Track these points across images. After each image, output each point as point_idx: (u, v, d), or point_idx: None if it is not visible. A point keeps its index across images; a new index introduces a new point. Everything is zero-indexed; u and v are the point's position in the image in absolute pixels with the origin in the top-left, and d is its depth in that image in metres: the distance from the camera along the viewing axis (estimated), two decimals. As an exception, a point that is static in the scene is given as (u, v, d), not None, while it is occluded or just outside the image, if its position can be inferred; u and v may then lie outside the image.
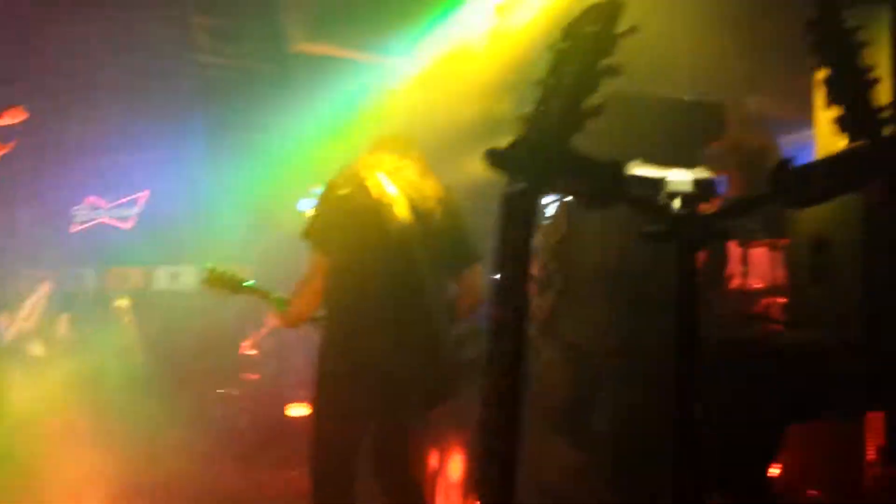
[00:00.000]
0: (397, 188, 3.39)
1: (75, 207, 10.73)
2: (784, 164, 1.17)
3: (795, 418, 3.44)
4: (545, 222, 3.74)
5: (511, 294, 1.23)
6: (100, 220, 10.92)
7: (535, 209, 1.24)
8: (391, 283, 3.29)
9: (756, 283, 5.36)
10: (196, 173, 9.23)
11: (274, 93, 7.28)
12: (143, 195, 10.86)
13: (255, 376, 7.25)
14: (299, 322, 3.57)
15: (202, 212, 9.29)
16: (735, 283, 5.38)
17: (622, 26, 1.19)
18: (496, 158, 1.23)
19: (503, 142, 1.25)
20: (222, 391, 7.26)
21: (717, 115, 3.23)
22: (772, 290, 5.20)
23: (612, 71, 1.16)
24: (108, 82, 7.53)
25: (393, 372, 3.22)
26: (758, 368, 3.48)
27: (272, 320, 3.90)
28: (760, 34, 4.84)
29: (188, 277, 10.29)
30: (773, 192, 1.18)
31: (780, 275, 5.14)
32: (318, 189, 3.55)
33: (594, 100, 1.16)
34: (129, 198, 10.88)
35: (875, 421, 3.42)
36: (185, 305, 8.71)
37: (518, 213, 1.22)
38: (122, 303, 8.34)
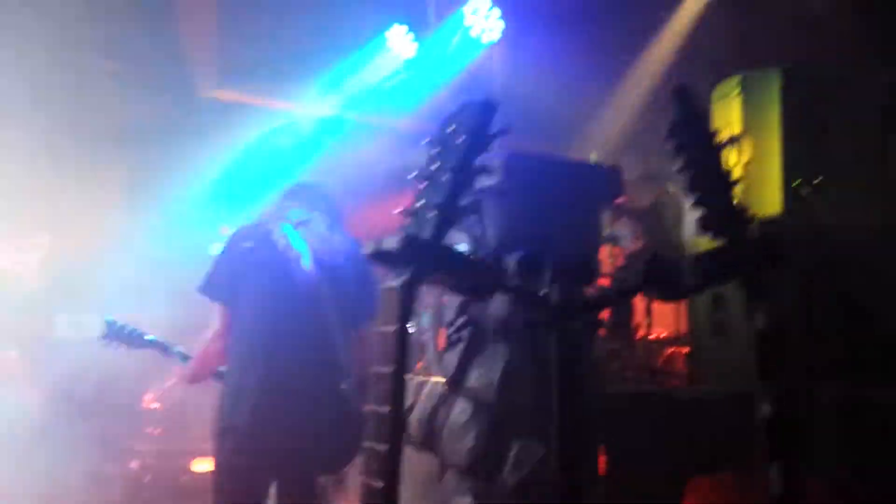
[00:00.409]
0: (304, 241, 3.32)
1: (-28, 250, 10.22)
2: (654, 258, 1.19)
3: (696, 470, 3.51)
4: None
5: (389, 387, 1.21)
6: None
7: (413, 302, 1.22)
8: (298, 337, 3.21)
9: (660, 333, 5.52)
10: (102, 217, 8.93)
11: (184, 137, 7.16)
12: (45, 239, 10.45)
13: (158, 431, 6.96)
14: (202, 378, 3.47)
15: (107, 257, 8.96)
16: (641, 333, 5.52)
17: (496, 125, 1.19)
18: (377, 254, 1.21)
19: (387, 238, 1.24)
20: (124, 447, 6.93)
21: (616, 178, 3.33)
22: (675, 340, 5.36)
23: (486, 170, 1.16)
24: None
25: (299, 427, 3.12)
26: (660, 422, 3.54)
27: (175, 375, 3.74)
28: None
29: (91, 325, 9.91)
30: (643, 283, 1.19)
31: (683, 325, 5.31)
32: (222, 238, 3.48)
33: (469, 197, 1.15)
34: (31, 241, 10.46)
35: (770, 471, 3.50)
36: (88, 355, 8.36)
37: (397, 306, 1.21)
38: (10, 354, 7.93)
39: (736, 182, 1.23)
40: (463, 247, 3.65)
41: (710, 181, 1.19)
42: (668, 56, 5.28)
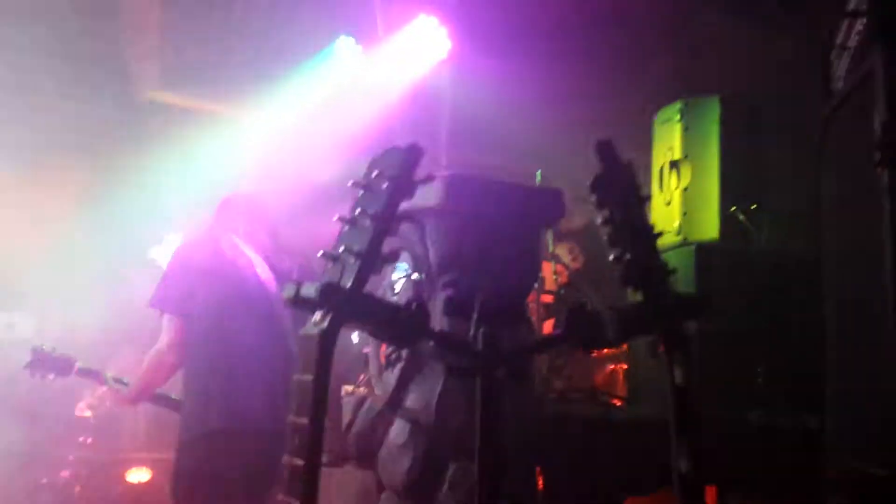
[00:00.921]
0: (253, 251, 3.34)
1: None
2: (578, 308, 1.19)
3: (631, 491, 3.55)
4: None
5: (308, 434, 1.19)
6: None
7: (332, 348, 1.20)
8: (257, 343, 3.26)
9: (602, 351, 5.58)
10: (39, 219, 8.70)
11: (125, 139, 7.03)
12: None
13: (90, 440, 6.80)
14: (147, 397, 3.42)
15: (42, 256, 8.74)
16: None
17: (421, 170, 1.18)
18: (296, 299, 1.19)
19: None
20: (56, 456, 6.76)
21: (558, 199, 3.35)
22: (616, 358, 5.43)
23: (409, 216, 1.14)
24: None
25: (266, 429, 3.15)
26: (597, 443, 3.57)
27: (112, 399, 3.65)
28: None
29: (25, 327, 9.68)
30: (566, 333, 1.20)
31: (624, 344, 5.39)
32: (167, 251, 3.47)
33: (391, 244, 1.14)
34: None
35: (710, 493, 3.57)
36: (20, 359, 8.16)
37: (316, 353, 1.19)
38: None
39: (656, 237, 1.24)
40: (404, 266, 3.65)
41: (630, 236, 1.20)
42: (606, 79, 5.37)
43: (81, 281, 8.50)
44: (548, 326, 5.57)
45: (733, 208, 4.06)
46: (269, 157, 5.58)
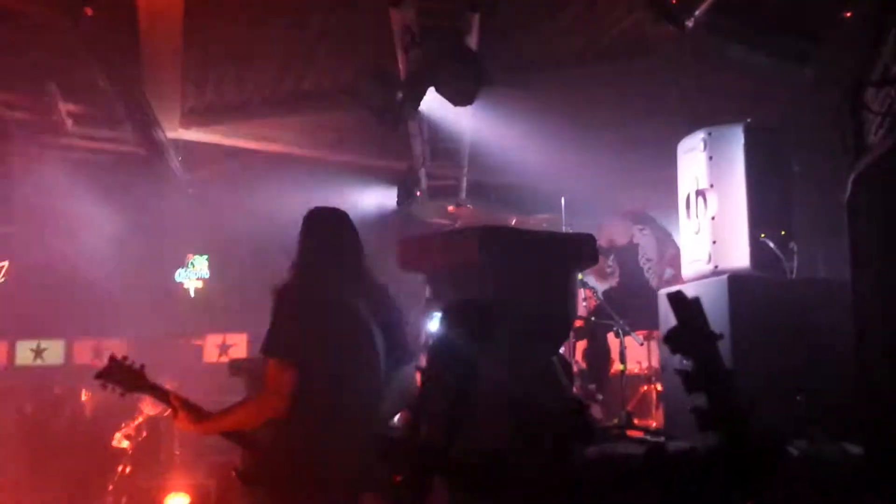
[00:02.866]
0: (361, 299, 3.27)
1: (-69, 277, 10.03)
2: (657, 449, 1.24)
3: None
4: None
5: None
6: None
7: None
8: (368, 395, 3.21)
9: (634, 370, 5.63)
10: (66, 244, 8.81)
11: (149, 172, 7.12)
12: (4, 266, 10.31)
13: (127, 469, 6.89)
14: (216, 433, 3.37)
15: (71, 283, 8.87)
16: (615, 369, 5.63)
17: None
18: (381, 449, 1.24)
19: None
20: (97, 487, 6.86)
21: (590, 244, 3.39)
22: (648, 378, 5.47)
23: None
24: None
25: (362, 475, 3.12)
26: (637, 477, 3.60)
27: (182, 426, 3.52)
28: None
29: (53, 353, 9.83)
30: (644, 473, 1.24)
31: (656, 363, 5.42)
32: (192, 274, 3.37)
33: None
34: (-11, 268, 10.30)
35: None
36: (50, 385, 8.28)
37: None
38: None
39: (733, 380, 1.27)
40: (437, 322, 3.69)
41: (707, 378, 1.24)
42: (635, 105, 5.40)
43: (110, 307, 8.64)
44: (579, 349, 5.63)
45: (762, 235, 4.07)
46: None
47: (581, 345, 5.60)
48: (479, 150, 5.82)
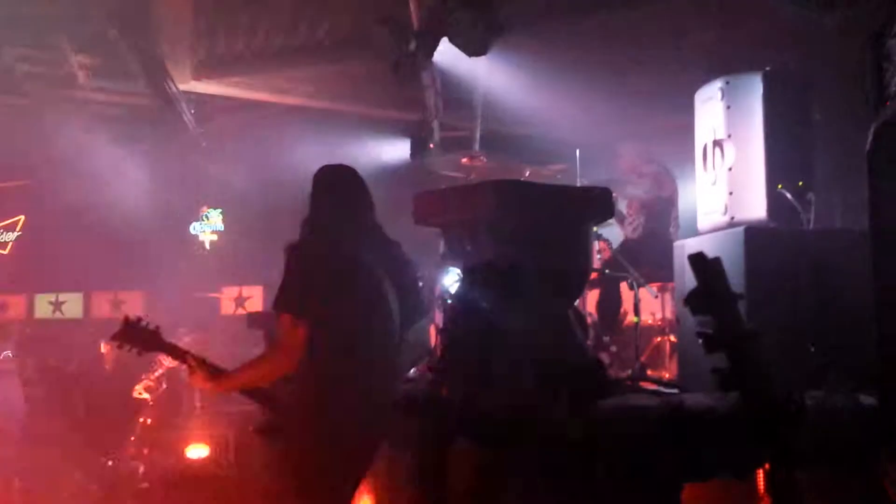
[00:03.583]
0: (375, 255, 3.28)
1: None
2: (678, 406, 1.24)
3: (690, 477, 3.62)
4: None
5: None
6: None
7: (444, 459, 1.26)
8: (384, 349, 3.24)
9: (648, 321, 5.62)
10: (81, 198, 8.85)
11: (162, 125, 7.11)
12: (20, 220, 10.39)
13: (148, 420, 7.00)
14: (235, 391, 3.42)
15: (87, 236, 8.93)
16: (628, 320, 5.63)
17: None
18: (404, 408, 1.25)
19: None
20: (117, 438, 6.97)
21: (607, 198, 3.37)
22: (662, 330, 5.47)
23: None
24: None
25: (383, 431, 3.23)
26: (656, 431, 3.63)
27: (197, 384, 3.57)
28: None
29: (72, 306, 9.95)
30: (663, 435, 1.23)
31: (670, 314, 5.41)
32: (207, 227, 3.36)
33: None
34: (6, 222, 10.41)
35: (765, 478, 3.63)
36: (69, 337, 8.40)
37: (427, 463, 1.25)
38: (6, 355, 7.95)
39: (755, 339, 1.27)
40: (457, 271, 3.71)
41: (728, 340, 1.24)
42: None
43: (126, 259, 8.72)
44: (591, 300, 5.63)
45: (780, 186, 4.03)
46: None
47: (593, 296, 5.60)
48: (493, 100, 5.75)
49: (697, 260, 1.26)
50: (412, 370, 3.97)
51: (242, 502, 5.81)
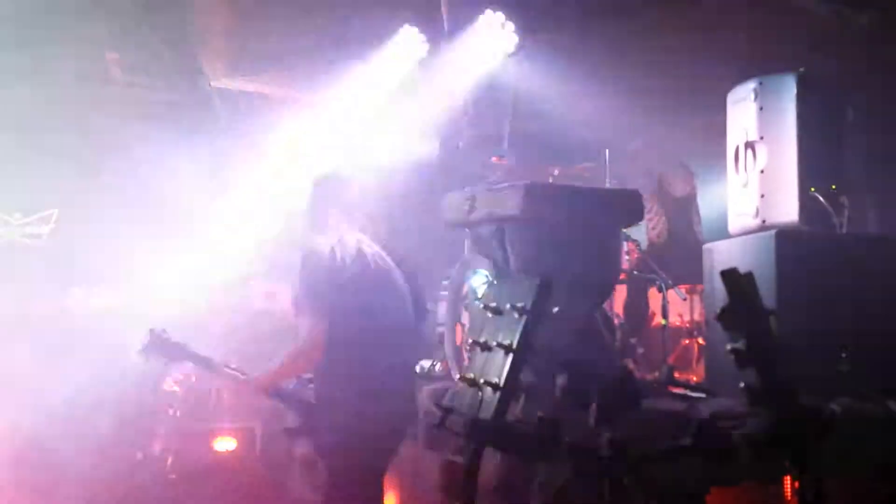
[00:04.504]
0: (370, 241, 3.45)
1: (-16, 224, 10.29)
2: (708, 422, 1.24)
3: (717, 482, 3.60)
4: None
5: None
6: (10, 237, 10.52)
7: (476, 470, 1.28)
8: (397, 342, 3.37)
9: (676, 323, 5.60)
10: (114, 194, 8.95)
11: (195, 121, 7.17)
12: (54, 212, 10.52)
13: (177, 412, 7.10)
14: (271, 389, 3.50)
15: (118, 231, 9.02)
16: (656, 322, 5.60)
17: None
18: (440, 426, 1.27)
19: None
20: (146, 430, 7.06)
21: (636, 201, 3.34)
22: (690, 332, 5.44)
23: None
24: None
25: (400, 424, 3.39)
26: (681, 436, 3.62)
27: (242, 389, 3.71)
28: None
29: (105, 298, 10.08)
30: (693, 446, 1.25)
31: (698, 316, 5.39)
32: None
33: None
34: (40, 214, 10.54)
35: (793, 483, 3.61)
36: (100, 330, 8.52)
37: (463, 480, 1.26)
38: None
39: (784, 358, 1.27)
40: (484, 272, 3.72)
41: (759, 357, 1.23)
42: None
43: (159, 255, 8.80)
44: (619, 302, 5.61)
45: (812, 189, 3.99)
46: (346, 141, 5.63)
47: (621, 298, 5.58)
48: (523, 99, 5.74)
49: (730, 276, 1.26)
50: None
51: (268, 495, 5.87)
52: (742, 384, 1.25)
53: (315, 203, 3.57)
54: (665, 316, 5.22)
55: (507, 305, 1.23)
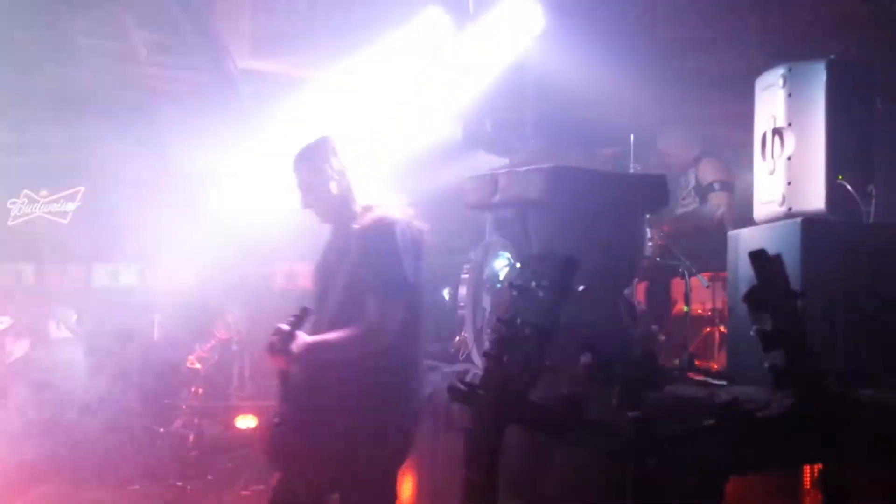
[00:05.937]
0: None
1: (11, 200, 10.41)
2: (732, 402, 1.24)
3: (738, 470, 3.59)
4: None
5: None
6: (37, 214, 10.64)
7: (498, 446, 1.29)
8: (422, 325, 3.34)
9: (698, 310, 5.56)
10: (137, 170, 9.03)
11: (220, 102, 7.21)
12: (80, 190, 10.62)
13: (199, 390, 7.18)
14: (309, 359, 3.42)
15: (143, 208, 9.11)
16: (678, 309, 5.58)
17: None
18: (459, 395, 1.27)
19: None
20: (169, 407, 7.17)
21: (662, 186, 3.32)
22: (711, 320, 5.41)
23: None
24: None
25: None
26: (700, 423, 3.61)
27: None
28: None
29: (128, 276, 10.20)
30: (718, 427, 1.25)
31: (720, 304, 5.35)
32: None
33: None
34: (66, 192, 10.64)
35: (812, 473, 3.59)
36: (125, 306, 8.64)
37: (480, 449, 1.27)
38: (69, 315, 8.19)
39: (809, 342, 1.26)
40: (506, 255, 3.72)
41: (786, 338, 1.23)
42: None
43: (183, 234, 8.88)
44: (641, 290, 5.58)
45: (840, 177, 3.94)
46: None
47: (643, 284, 5.56)
48: (547, 82, 5.71)
49: (758, 257, 1.25)
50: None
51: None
52: (767, 365, 1.25)
53: (351, 165, 3.37)
54: (687, 303, 5.19)
55: (533, 283, 1.23)
